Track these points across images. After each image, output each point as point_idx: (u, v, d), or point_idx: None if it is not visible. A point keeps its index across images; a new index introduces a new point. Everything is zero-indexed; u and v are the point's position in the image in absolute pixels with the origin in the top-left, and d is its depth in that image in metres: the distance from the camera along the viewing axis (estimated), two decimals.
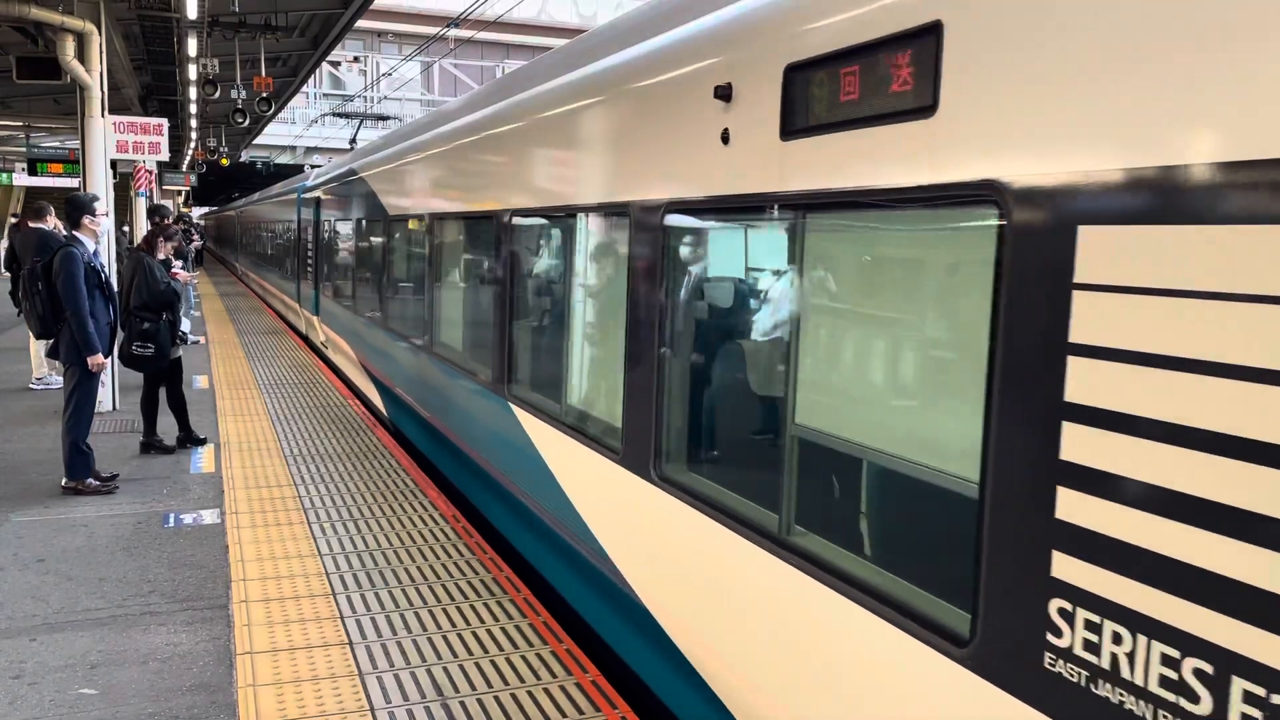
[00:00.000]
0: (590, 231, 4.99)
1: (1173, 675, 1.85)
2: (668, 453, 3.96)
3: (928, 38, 2.46)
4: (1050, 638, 2.11)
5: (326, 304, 14.36)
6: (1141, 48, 1.94)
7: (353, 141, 20.67)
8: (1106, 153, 2.00)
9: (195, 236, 28.50)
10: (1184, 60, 1.85)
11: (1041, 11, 2.16)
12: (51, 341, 7.15)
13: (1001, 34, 2.27)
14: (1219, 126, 1.79)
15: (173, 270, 8.70)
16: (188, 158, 31.88)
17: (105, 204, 8.21)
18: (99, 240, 7.64)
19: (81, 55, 10.27)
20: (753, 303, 4.00)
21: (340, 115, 23.49)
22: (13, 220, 34.89)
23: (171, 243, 8.53)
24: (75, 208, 7.31)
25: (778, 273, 3.52)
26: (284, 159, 44.38)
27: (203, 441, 8.48)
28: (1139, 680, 1.92)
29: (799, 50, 3.01)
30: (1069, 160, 2.08)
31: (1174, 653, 1.85)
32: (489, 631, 4.77)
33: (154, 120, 11.67)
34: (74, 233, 7.20)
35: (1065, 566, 2.08)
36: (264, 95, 19.96)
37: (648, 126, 4.10)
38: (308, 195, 16.49)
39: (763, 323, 3.75)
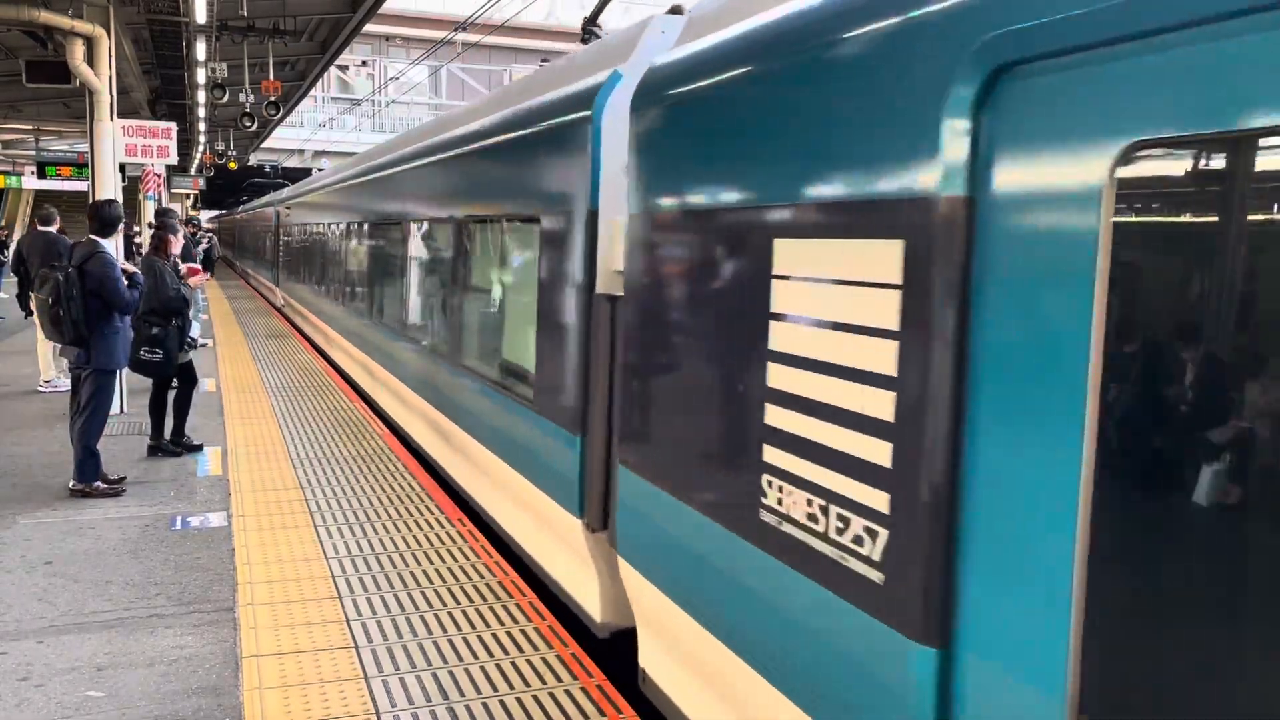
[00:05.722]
0: None
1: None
2: None
3: None
4: None
5: None
6: None
7: (589, 27, 6.39)
8: None
9: (204, 240, 28.59)
10: None
11: None
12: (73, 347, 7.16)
13: None
14: None
15: (191, 268, 8.73)
16: (196, 161, 32.03)
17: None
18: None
19: (91, 59, 10.32)
20: None
21: None
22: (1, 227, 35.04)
23: (181, 233, 8.63)
24: (118, 220, 7.58)
25: None
26: (292, 162, 44.57)
27: (198, 448, 8.46)
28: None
29: None
30: None
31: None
32: (494, 635, 4.77)
33: (163, 124, 11.69)
34: (97, 238, 7.24)
35: None
36: (272, 99, 20.07)
37: None
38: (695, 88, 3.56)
39: None
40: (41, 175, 25.82)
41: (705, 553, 3.44)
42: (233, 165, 33.44)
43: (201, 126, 25.70)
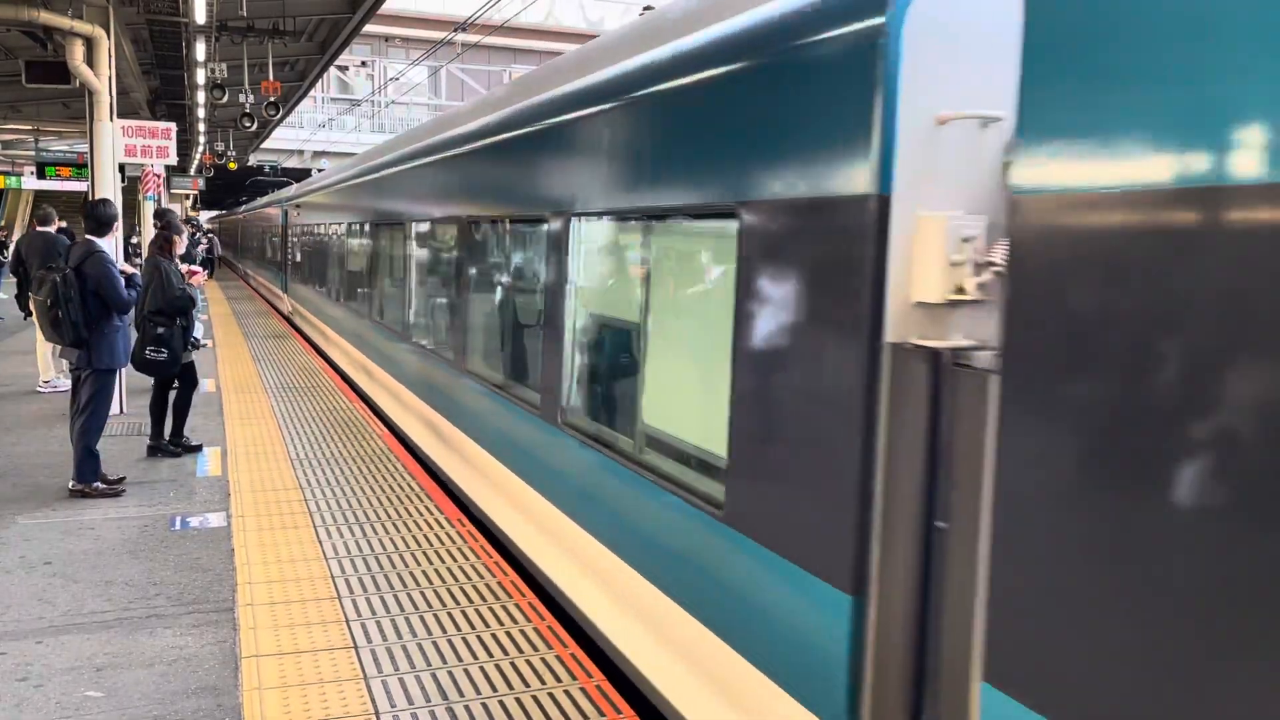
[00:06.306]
0: None
1: None
2: None
3: None
4: None
5: None
6: None
7: None
8: None
9: (204, 240, 28.57)
10: None
11: None
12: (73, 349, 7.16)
13: None
14: None
15: (190, 269, 8.73)
16: (196, 162, 32.01)
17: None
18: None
19: (90, 60, 10.32)
20: None
21: None
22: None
23: (183, 234, 8.65)
24: (113, 220, 7.70)
25: None
26: (292, 163, 44.53)
27: (198, 448, 8.45)
28: None
29: None
30: None
31: None
32: (494, 635, 4.77)
33: (162, 124, 11.68)
34: (93, 238, 7.25)
35: None
36: (272, 99, 20.05)
37: None
38: None
39: None
40: (41, 175, 25.83)
41: None
42: (232, 165, 33.43)
43: (201, 127, 25.68)
